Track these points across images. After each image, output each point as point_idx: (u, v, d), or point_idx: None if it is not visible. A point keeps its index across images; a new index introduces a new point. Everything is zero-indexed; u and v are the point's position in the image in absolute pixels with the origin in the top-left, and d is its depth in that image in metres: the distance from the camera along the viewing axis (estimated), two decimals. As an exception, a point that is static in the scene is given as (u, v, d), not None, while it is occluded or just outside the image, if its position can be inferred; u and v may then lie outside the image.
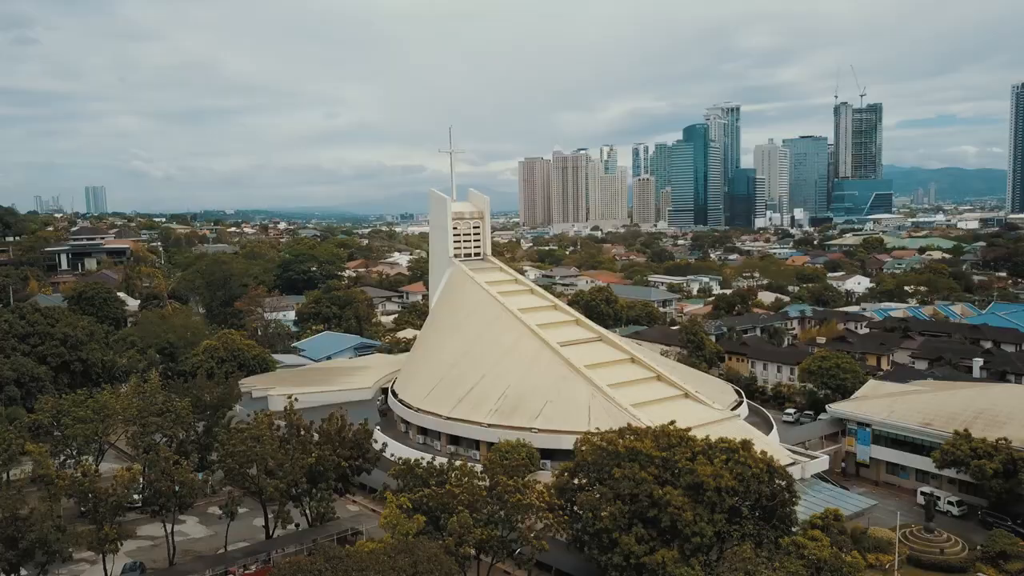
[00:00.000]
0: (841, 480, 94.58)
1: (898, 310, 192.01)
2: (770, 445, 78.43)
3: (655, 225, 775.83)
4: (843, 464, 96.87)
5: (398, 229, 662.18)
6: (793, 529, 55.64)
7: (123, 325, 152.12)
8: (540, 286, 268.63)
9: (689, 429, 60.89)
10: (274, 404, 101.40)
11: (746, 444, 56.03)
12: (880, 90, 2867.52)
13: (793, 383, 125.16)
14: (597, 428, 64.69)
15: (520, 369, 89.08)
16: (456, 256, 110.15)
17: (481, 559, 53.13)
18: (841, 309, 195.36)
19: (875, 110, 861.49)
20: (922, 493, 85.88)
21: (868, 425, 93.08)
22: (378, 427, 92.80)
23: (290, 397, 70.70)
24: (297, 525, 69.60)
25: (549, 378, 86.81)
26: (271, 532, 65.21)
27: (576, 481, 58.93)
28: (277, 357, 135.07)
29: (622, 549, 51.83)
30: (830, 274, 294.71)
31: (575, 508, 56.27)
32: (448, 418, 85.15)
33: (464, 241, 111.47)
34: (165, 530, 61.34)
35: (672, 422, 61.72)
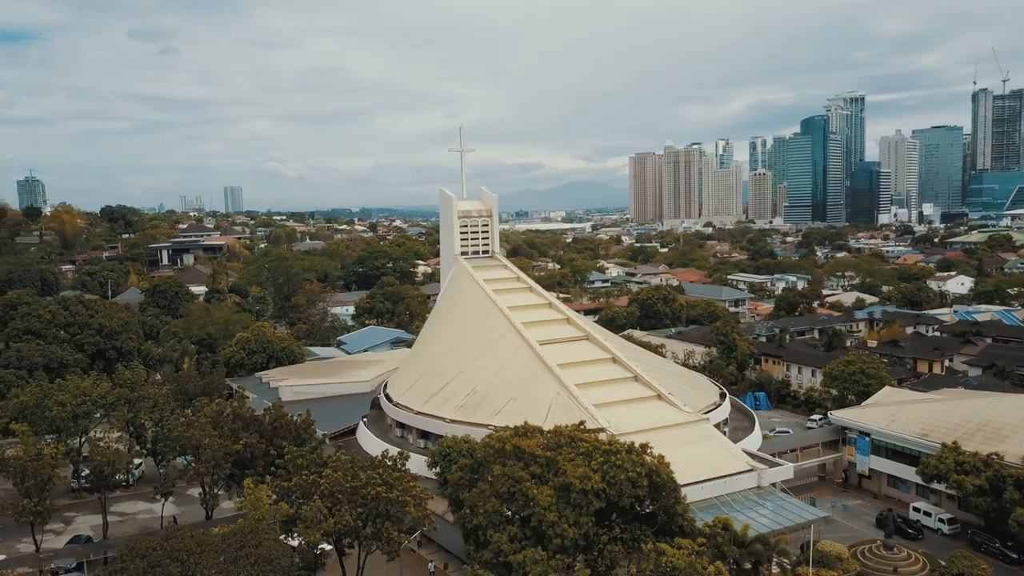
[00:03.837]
0: (840, 491, 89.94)
1: (987, 313, 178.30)
2: (730, 451, 75.57)
3: (770, 221, 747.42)
4: (844, 475, 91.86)
5: (505, 227, 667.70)
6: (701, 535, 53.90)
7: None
8: (615, 283, 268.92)
9: (595, 431, 59.88)
10: (284, 394, 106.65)
11: (633, 448, 54.54)
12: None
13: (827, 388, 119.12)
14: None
15: (494, 366, 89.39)
16: (463, 253, 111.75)
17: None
18: (922, 312, 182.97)
19: (1020, 96, 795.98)
20: (914, 508, 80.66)
21: (868, 434, 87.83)
22: (364, 420, 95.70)
23: (239, 387, 74.12)
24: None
25: (520, 376, 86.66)
26: (210, 513, 69.01)
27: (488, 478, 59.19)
28: (314, 350, 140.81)
29: (493, 547, 51.98)
30: (939, 273, 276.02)
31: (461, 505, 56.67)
32: (418, 413, 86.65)
33: (472, 239, 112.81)
34: (102, 506, 66.20)
35: (580, 423, 60.90)
